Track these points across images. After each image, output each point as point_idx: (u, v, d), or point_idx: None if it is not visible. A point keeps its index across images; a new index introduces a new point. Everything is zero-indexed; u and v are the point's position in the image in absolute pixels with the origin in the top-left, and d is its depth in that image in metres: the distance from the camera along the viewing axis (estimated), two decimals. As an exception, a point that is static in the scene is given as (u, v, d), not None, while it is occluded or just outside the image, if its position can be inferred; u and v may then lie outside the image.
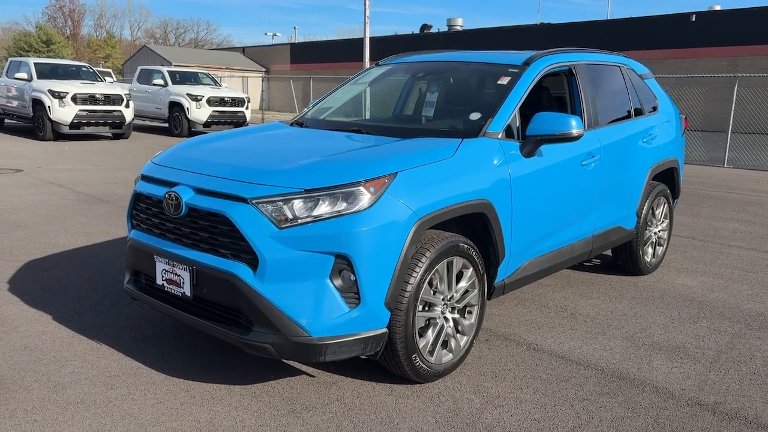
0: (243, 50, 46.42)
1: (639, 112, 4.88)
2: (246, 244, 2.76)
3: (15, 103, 15.82)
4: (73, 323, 3.85)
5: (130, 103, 15.53)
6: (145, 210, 3.30)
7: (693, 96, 19.86)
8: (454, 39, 34.59)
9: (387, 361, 3.07)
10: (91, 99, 14.65)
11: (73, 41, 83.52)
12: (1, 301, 4.19)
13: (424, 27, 41.24)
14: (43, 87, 14.49)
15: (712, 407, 3.04)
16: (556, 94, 4.47)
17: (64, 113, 14.31)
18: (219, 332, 2.94)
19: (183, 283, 3.02)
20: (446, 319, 3.22)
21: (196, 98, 16.71)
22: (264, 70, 42.75)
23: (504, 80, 3.85)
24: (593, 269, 5.32)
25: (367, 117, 4.60)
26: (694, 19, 25.50)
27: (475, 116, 3.71)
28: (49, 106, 14.29)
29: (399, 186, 2.89)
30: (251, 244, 2.74)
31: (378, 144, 3.44)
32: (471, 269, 3.28)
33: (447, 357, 3.25)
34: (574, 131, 3.53)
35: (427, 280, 3.01)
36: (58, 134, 14.69)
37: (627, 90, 4.84)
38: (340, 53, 36.62)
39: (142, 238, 3.29)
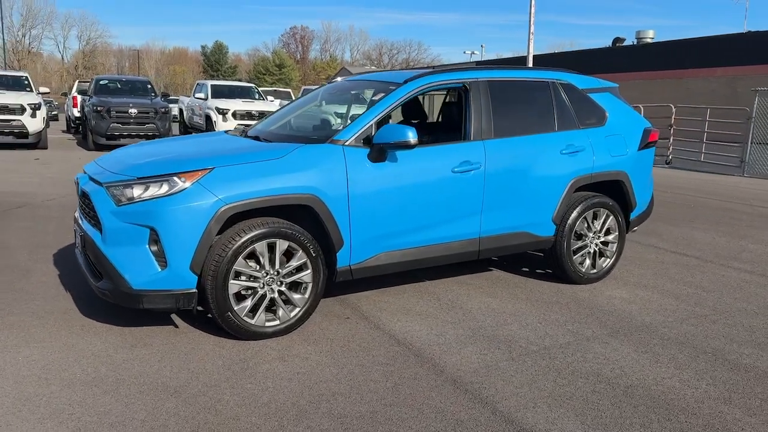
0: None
1: (567, 125, 5.07)
2: (98, 216, 3.79)
3: (201, 120, 18.78)
4: (65, 278, 5.17)
5: (282, 118, 17.64)
6: (77, 193, 4.50)
7: None
8: (642, 52, 33.05)
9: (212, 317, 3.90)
10: (248, 115, 17.00)
11: (302, 64, 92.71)
12: (40, 259, 5.68)
13: (617, 40, 39.76)
14: (213, 105, 17.12)
15: (462, 384, 3.40)
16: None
17: (225, 127, 16.75)
18: (89, 281, 3.99)
19: (80, 245, 4.14)
20: (272, 290, 3.94)
21: (341, 116, 18.41)
22: (449, 88, 44.18)
23: (377, 96, 4.46)
24: (540, 276, 5.54)
25: (292, 127, 5.42)
26: None
27: (337, 126, 4.37)
28: (215, 121, 16.86)
29: (212, 178, 3.72)
30: (99, 216, 3.76)
31: (236, 146, 4.28)
32: (301, 251, 3.97)
33: (273, 322, 3.96)
34: (411, 140, 4.07)
35: (242, 256, 3.78)
36: (222, 145, 17.20)
37: (553, 104, 5.06)
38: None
39: (76, 214, 4.48)
